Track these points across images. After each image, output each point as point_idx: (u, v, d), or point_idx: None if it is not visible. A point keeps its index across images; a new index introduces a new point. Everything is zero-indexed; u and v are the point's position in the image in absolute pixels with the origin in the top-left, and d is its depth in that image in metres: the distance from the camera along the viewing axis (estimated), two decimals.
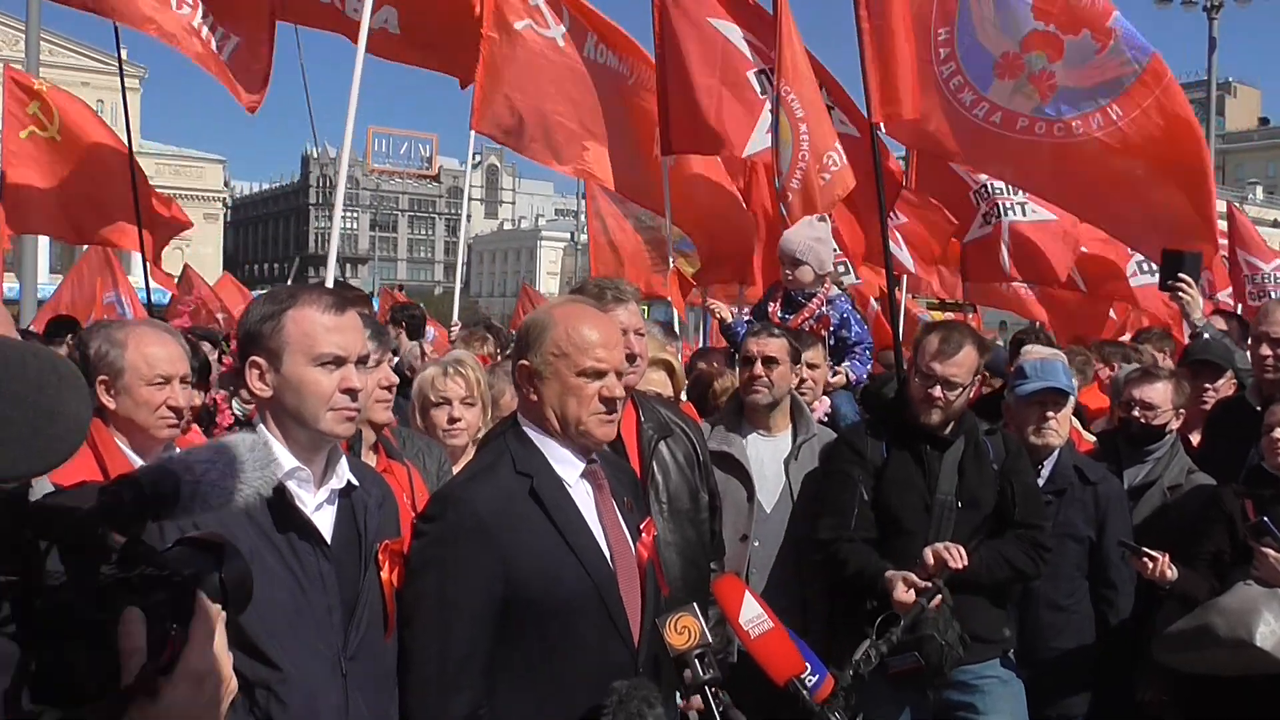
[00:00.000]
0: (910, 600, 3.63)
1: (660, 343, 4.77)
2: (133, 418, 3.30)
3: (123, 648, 1.18)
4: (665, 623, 2.22)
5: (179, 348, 3.45)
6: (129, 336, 3.37)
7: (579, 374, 2.70)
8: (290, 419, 2.44)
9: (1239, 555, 3.94)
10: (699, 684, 2.20)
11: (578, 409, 2.70)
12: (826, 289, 6.16)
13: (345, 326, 2.46)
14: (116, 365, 3.29)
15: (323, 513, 2.46)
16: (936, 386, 4.02)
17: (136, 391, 3.29)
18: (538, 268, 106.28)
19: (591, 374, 2.70)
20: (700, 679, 2.21)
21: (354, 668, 2.40)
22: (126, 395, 3.29)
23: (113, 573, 1.21)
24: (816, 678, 2.41)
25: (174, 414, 3.34)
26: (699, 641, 2.21)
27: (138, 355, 3.31)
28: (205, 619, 1.26)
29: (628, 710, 2.28)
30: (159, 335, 3.45)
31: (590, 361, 2.70)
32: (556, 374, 2.71)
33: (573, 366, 2.70)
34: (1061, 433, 4.53)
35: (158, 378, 3.31)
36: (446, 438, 4.05)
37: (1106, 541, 4.41)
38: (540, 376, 2.73)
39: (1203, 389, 5.43)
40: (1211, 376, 5.45)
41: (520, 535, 2.61)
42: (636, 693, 2.30)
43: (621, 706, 2.29)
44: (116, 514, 1.21)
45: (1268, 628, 3.60)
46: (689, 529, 3.71)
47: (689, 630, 2.22)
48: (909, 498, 4.09)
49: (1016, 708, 4.10)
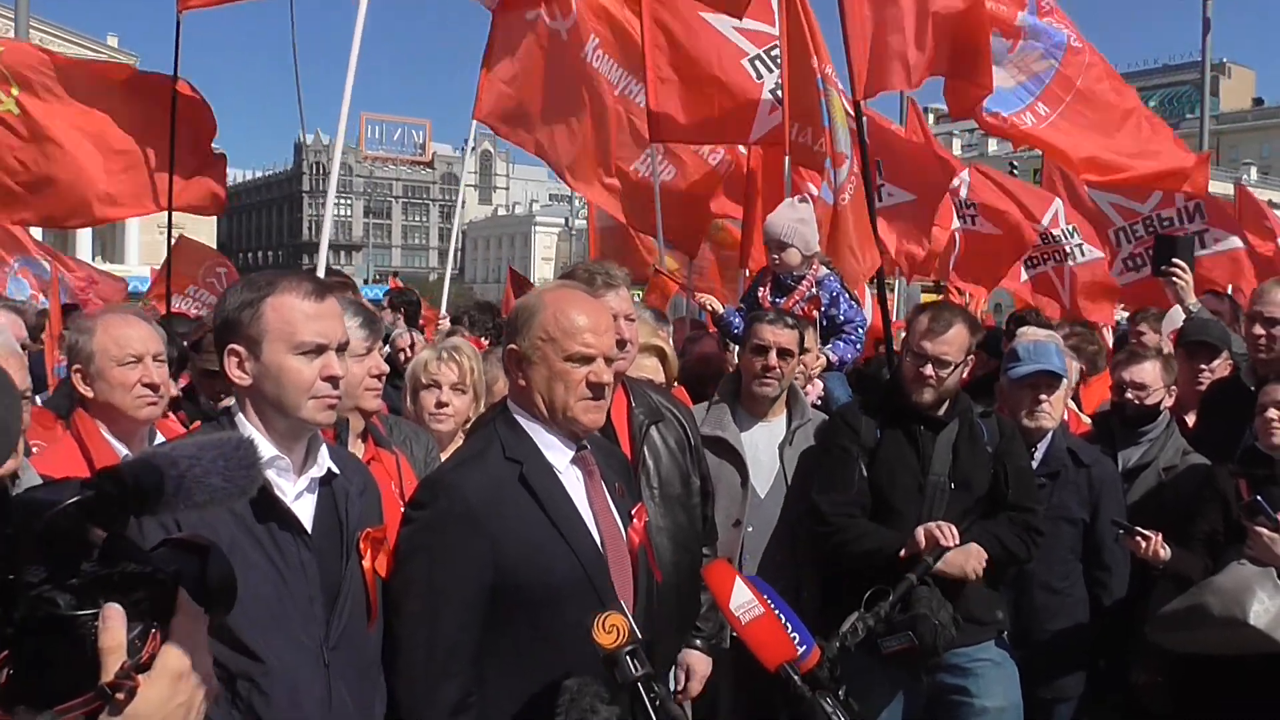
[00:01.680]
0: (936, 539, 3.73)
1: (652, 328, 4.75)
2: (110, 401, 3.29)
3: (102, 644, 1.17)
4: (593, 622, 2.21)
5: (148, 328, 3.44)
6: (96, 323, 3.38)
7: (566, 359, 2.68)
8: (270, 407, 2.41)
9: (1233, 535, 3.93)
10: (630, 681, 2.20)
11: (565, 394, 2.69)
12: (815, 270, 6.12)
13: (325, 313, 2.44)
14: (86, 351, 3.29)
15: (303, 501, 2.43)
16: (928, 365, 4.04)
17: (110, 374, 3.28)
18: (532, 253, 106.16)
19: (579, 359, 2.69)
20: (631, 676, 2.20)
21: (336, 658, 2.38)
22: (101, 379, 3.28)
23: (94, 569, 1.20)
24: (804, 648, 2.41)
25: (151, 390, 3.32)
26: (628, 639, 2.21)
27: (106, 338, 3.31)
28: (186, 618, 1.25)
29: (580, 707, 2.28)
30: (125, 318, 3.45)
31: (577, 346, 2.68)
32: (544, 358, 2.70)
33: (560, 351, 2.68)
34: (1055, 415, 4.52)
35: (129, 357, 3.30)
36: (432, 421, 4.03)
37: (1100, 524, 4.40)
38: (528, 361, 2.71)
39: (1199, 370, 5.42)
40: (1207, 357, 5.44)
41: (510, 521, 2.60)
42: (588, 689, 2.30)
43: (574, 704, 2.29)
44: (99, 508, 1.19)
45: (1261, 606, 3.60)
46: (680, 514, 3.69)
47: (617, 629, 2.22)
48: (902, 478, 4.09)
49: (1010, 690, 4.10)
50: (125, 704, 1.18)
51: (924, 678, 4.04)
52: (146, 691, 1.20)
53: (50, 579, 1.19)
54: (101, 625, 1.18)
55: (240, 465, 1.29)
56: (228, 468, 1.27)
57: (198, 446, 1.28)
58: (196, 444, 1.28)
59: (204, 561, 1.29)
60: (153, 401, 3.35)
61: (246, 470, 1.30)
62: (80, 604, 1.18)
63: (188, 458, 1.26)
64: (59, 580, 1.19)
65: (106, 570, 1.20)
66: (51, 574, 1.19)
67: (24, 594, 1.18)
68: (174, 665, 1.23)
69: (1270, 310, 4.81)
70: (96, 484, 1.19)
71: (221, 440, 1.30)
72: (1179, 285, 5.88)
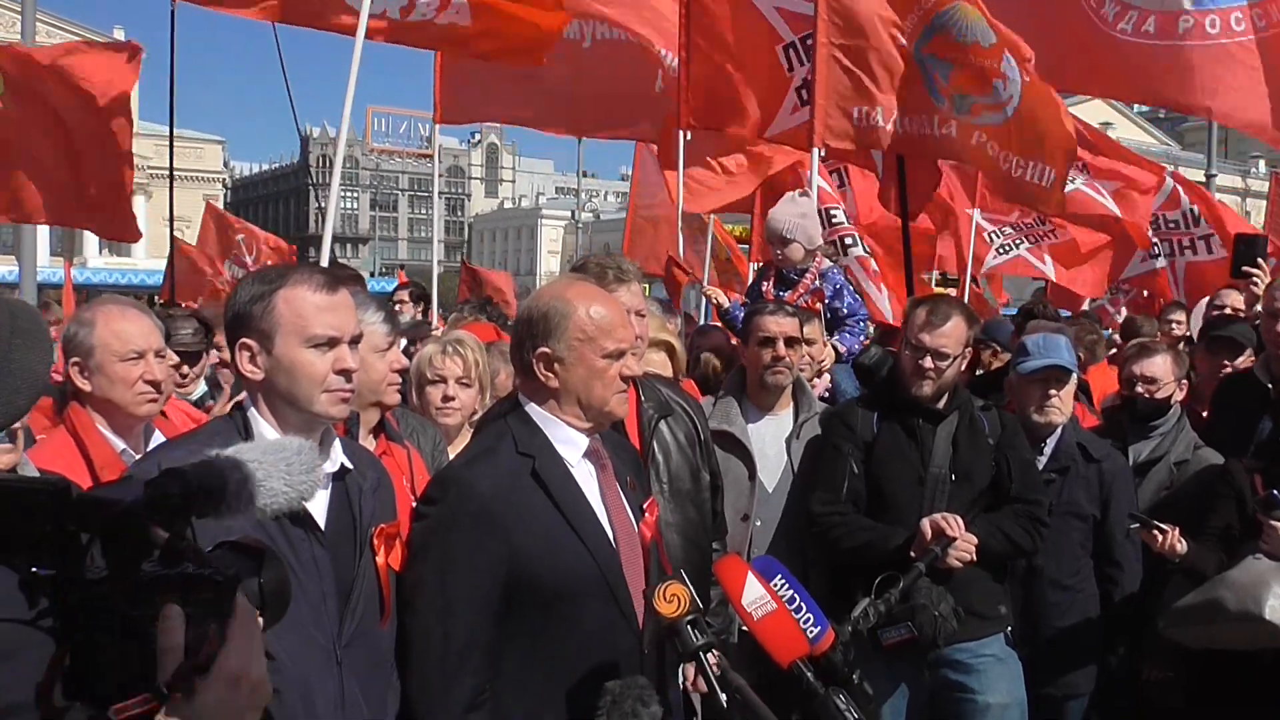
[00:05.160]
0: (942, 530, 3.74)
1: (660, 321, 4.73)
2: (109, 396, 3.24)
3: (160, 645, 1.17)
4: (654, 592, 2.21)
5: (149, 322, 3.39)
6: (97, 315, 3.30)
7: (604, 356, 2.69)
8: (283, 401, 2.39)
9: (1248, 530, 3.91)
10: (692, 651, 2.19)
11: (603, 390, 2.69)
12: (818, 264, 6.12)
13: (338, 306, 2.42)
14: (86, 344, 3.23)
15: (316, 497, 2.40)
16: (926, 357, 4.04)
17: (110, 369, 3.22)
18: (538, 246, 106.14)
19: (615, 355, 2.70)
20: (693, 645, 2.19)
21: (349, 655, 2.36)
22: (100, 374, 3.22)
23: (154, 569, 1.20)
24: (819, 629, 2.40)
25: (152, 388, 3.28)
26: (689, 609, 2.20)
27: (107, 332, 3.25)
28: (244, 621, 1.25)
29: (621, 710, 2.27)
30: (126, 311, 3.38)
31: (613, 343, 2.69)
32: (582, 359, 2.68)
33: (598, 350, 2.68)
34: (1065, 410, 4.49)
35: (131, 353, 3.25)
36: (439, 416, 4.03)
37: (1111, 519, 4.38)
38: (563, 362, 2.69)
39: (1221, 366, 5.39)
40: (1230, 354, 5.41)
41: (523, 517, 2.59)
42: (630, 691, 2.29)
43: (615, 706, 2.28)
44: (162, 508, 1.19)
45: (1277, 601, 3.58)
46: (690, 509, 3.68)
47: (678, 598, 2.21)
48: (902, 471, 4.09)
49: (1013, 686, 4.08)
50: (182, 705, 1.17)
51: (926, 673, 4.03)
52: (204, 693, 1.19)
53: (111, 578, 1.19)
54: (160, 626, 1.18)
55: (302, 469, 1.29)
56: (289, 471, 1.28)
57: (262, 450, 1.29)
58: (260, 448, 1.29)
59: (259, 565, 1.29)
60: (153, 399, 3.31)
61: (307, 474, 1.30)
62: (140, 604, 1.19)
63: (252, 460, 1.26)
64: (119, 580, 1.19)
65: (166, 571, 1.20)
66: (112, 572, 1.19)
67: (84, 593, 1.18)
68: (232, 668, 1.22)
69: None
70: (160, 484, 1.19)
71: (284, 444, 1.32)
72: (1256, 289, 5.84)
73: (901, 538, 3.92)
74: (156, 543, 1.19)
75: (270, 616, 1.31)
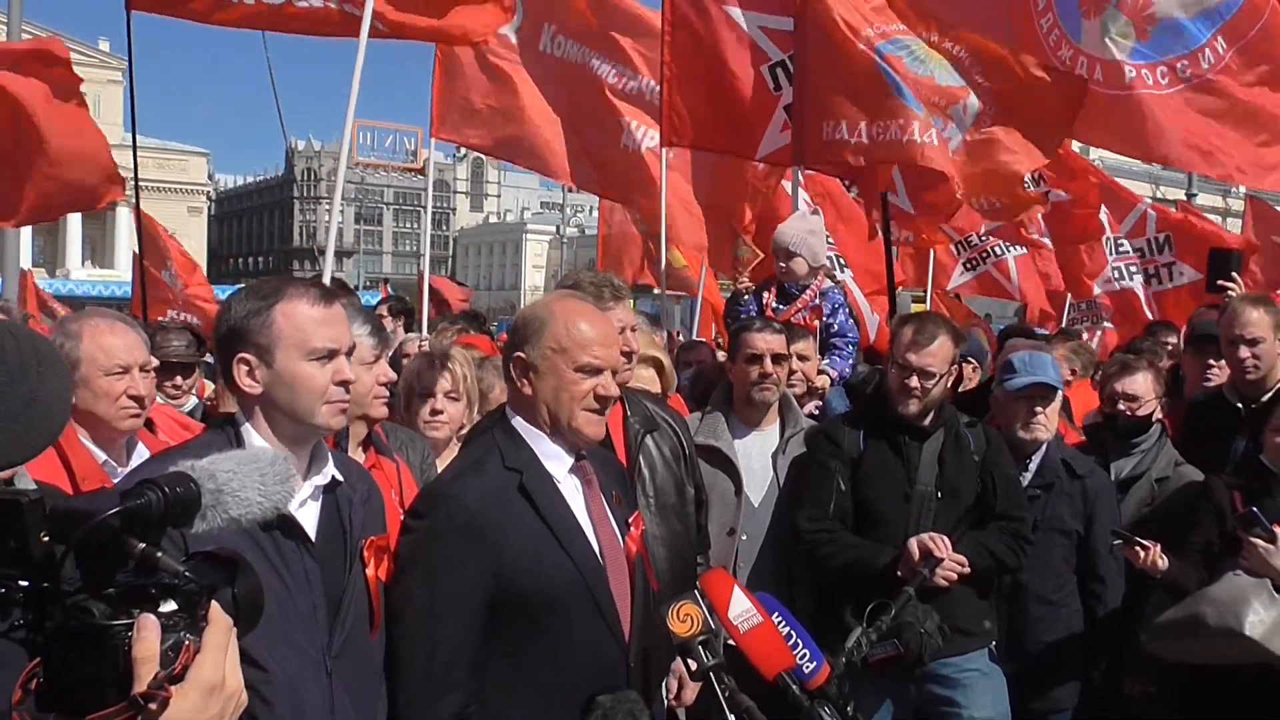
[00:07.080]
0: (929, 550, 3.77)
1: (650, 337, 4.75)
2: (93, 410, 3.24)
3: (135, 655, 1.18)
4: (668, 611, 2.22)
5: (136, 336, 3.40)
6: (83, 328, 3.31)
7: (576, 369, 2.69)
8: (282, 414, 2.40)
9: (1228, 546, 3.94)
10: (704, 671, 2.20)
11: (571, 405, 2.70)
12: (820, 281, 6.17)
13: (334, 319, 2.44)
14: (72, 357, 3.22)
15: (306, 509, 2.42)
16: (913, 376, 4.06)
17: (95, 383, 3.23)
18: (523, 261, 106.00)
19: (588, 370, 2.70)
20: (706, 665, 2.21)
21: (339, 666, 2.37)
22: (85, 387, 3.22)
23: (129, 579, 1.21)
24: (814, 664, 2.41)
25: (135, 403, 3.29)
26: (702, 629, 2.21)
27: (94, 346, 3.26)
28: (219, 631, 1.26)
29: None
30: (114, 325, 3.39)
31: (587, 358, 2.69)
32: (553, 369, 2.70)
33: (570, 362, 2.69)
34: (1050, 427, 4.52)
35: (116, 367, 3.26)
36: (427, 429, 4.03)
37: (1095, 535, 4.40)
38: (536, 370, 2.71)
39: (1207, 364, 5.45)
40: (1216, 353, 5.45)
41: (509, 531, 2.60)
42: (621, 705, 2.30)
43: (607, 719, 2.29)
44: (136, 519, 1.20)
45: (1256, 617, 3.61)
46: (676, 523, 3.69)
47: (691, 618, 2.23)
48: (888, 489, 4.11)
49: (998, 701, 4.10)
50: (157, 715, 1.18)
51: (911, 688, 4.04)
52: (179, 703, 1.20)
53: (86, 588, 1.19)
54: (135, 635, 1.18)
55: (276, 480, 1.30)
56: (264, 482, 1.29)
57: (236, 461, 1.29)
58: (234, 459, 1.29)
59: (233, 575, 1.29)
60: (135, 414, 3.31)
61: (281, 485, 1.30)
62: (115, 614, 1.19)
63: (225, 471, 1.27)
64: (94, 590, 1.19)
65: (142, 581, 1.21)
66: (87, 583, 1.19)
67: (59, 603, 1.18)
68: (207, 677, 1.23)
69: (1250, 331, 4.83)
70: (135, 495, 1.20)
71: (257, 455, 1.32)
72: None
73: (889, 555, 3.93)
74: (131, 553, 1.20)
75: (245, 626, 1.31)
